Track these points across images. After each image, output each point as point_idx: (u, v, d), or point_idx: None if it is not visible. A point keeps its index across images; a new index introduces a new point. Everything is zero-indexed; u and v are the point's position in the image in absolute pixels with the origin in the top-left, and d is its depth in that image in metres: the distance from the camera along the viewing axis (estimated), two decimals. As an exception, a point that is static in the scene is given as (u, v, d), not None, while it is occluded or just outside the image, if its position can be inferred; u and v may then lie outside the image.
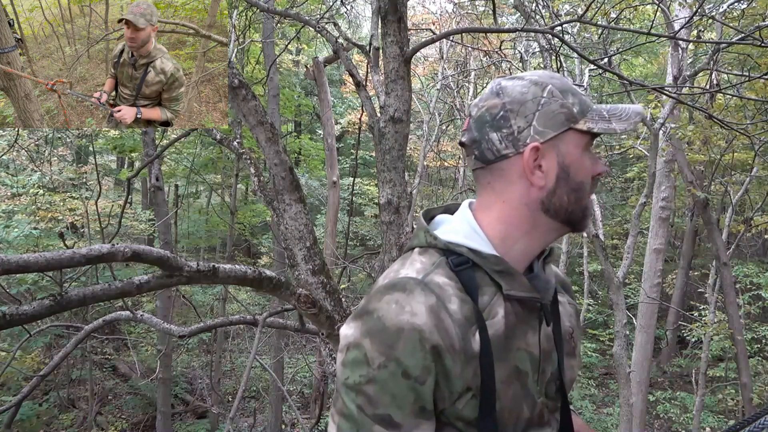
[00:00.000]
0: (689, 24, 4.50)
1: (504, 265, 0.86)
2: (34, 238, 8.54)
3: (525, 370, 0.87)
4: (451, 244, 0.88)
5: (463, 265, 0.86)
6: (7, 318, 1.57)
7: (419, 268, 0.85)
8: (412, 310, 0.79)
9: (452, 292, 0.83)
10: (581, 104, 0.87)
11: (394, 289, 0.82)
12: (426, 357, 0.78)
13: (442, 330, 0.79)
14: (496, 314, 0.85)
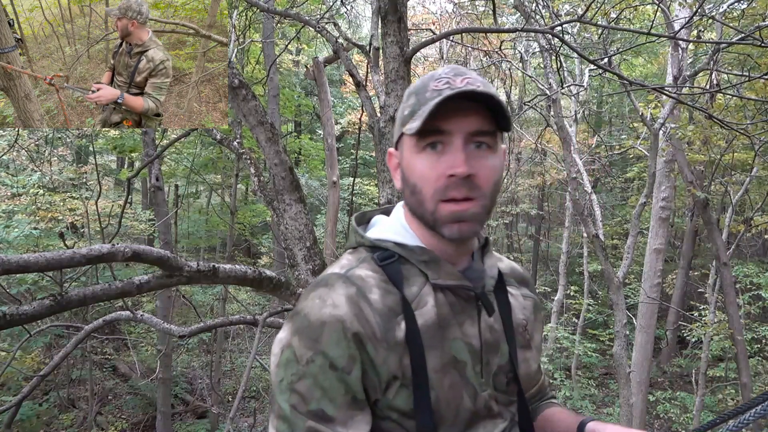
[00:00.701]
0: (689, 24, 4.50)
1: (429, 255, 0.88)
2: (34, 238, 8.54)
3: (463, 360, 0.87)
4: (378, 240, 0.91)
5: (389, 259, 0.88)
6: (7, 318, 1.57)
7: (344, 264, 0.88)
8: (333, 302, 0.81)
9: (374, 283, 0.85)
10: (414, 105, 0.85)
11: (319, 285, 0.85)
12: (350, 346, 0.79)
13: (363, 319, 0.80)
14: (425, 304, 0.86)
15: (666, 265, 9.45)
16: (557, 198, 15.30)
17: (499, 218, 14.09)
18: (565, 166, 7.01)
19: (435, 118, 0.82)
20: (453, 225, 0.84)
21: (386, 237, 0.91)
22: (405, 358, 0.82)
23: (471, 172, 0.82)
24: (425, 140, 0.84)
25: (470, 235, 0.85)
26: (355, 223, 0.98)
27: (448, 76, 0.85)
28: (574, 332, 10.87)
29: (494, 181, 0.86)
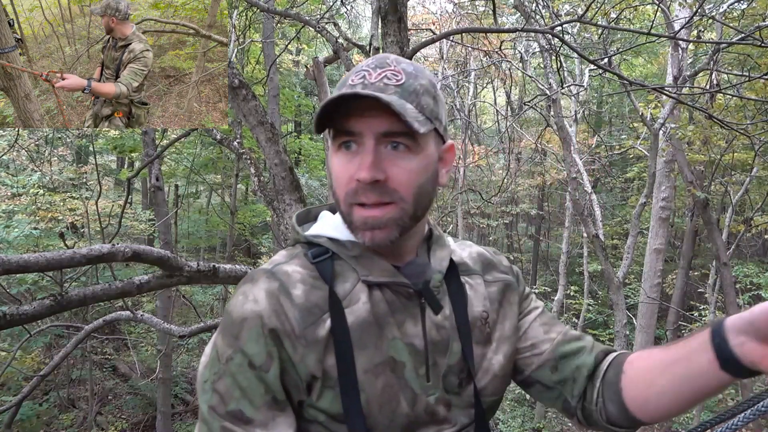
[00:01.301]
0: (689, 24, 4.50)
1: (360, 250, 0.84)
2: (34, 238, 8.54)
3: (401, 360, 0.82)
4: (313, 236, 0.88)
5: (322, 255, 0.85)
6: (8, 318, 1.57)
7: (274, 260, 0.86)
8: (254, 297, 0.78)
9: (300, 278, 0.81)
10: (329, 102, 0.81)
11: (245, 281, 0.82)
12: (267, 342, 0.76)
13: (281, 314, 0.77)
14: (357, 301, 0.82)
15: (666, 265, 9.45)
16: (557, 198, 15.30)
17: (499, 218, 14.09)
18: (565, 166, 7.01)
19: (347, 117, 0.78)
20: (366, 232, 0.80)
21: (322, 233, 0.88)
22: (329, 358, 0.78)
23: (377, 177, 0.77)
24: (338, 140, 0.81)
25: (385, 243, 0.80)
26: (296, 221, 0.93)
27: (368, 69, 0.80)
28: (574, 332, 10.85)
29: (416, 184, 0.80)
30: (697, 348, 0.77)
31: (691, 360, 0.78)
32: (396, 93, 0.78)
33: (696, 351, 0.77)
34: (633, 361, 0.90)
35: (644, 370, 0.87)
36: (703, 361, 0.76)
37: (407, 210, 0.80)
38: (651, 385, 0.84)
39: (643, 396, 0.86)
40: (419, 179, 0.80)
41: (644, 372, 0.86)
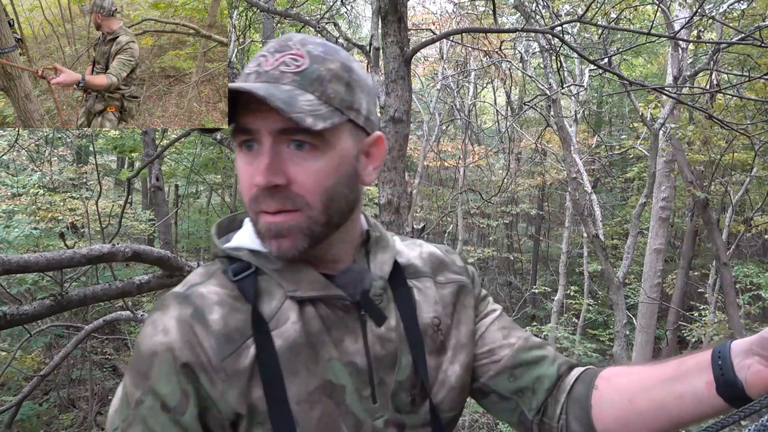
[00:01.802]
0: (689, 24, 4.51)
1: (283, 263, 0.73)
2: (34, 238, 8.54)
3: (341, 384, 0.72)
4: (232, 249, 0.76)
5: (244, 271, 0.73)
6: (8, 318, 1.57)
7: (189, 280, 0.74)
8: (164, 327, 0.67)
9: (217, 300, 0.70)
10: None
11: (155, 308, 0.71)
12: (181, 379, 0.66)
13: (195, 345, 0.67)
14: (285, 320, 0.71)
15: (666, 265, 9.45)
16: (557, 198, 15.30)
17: (499, 218, 14.09)
18: (565, 166, 7.01)
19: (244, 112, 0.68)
20: (271, 241, 0.70)
21: (243, 244, 0.76)
22: (255, 390, 0.68)
23: (274, 181, 0.67)
24: (237, 138, 0.71)
25: (293, 253, 0.70)
26: (217, 230, 0.81)
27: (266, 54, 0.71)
28: (574, 332, 10.87)
29: (324, 188, 0.70)
30: (694, 368, 0.69)
31: (683, 381, 0.69)
32: (294, 82, 0.68)
33: (692, 371, 0.69)
34: (609, 377, 0.80)
35: (622, 387, 0.77)
36: (698, 383, 0.67)
37: (316, 217, 0.70)
38: (629, 405, 0.75)
39: (616, 416, 0.76)
40: (328, 181, 0.70)
41: (622, 390, 0.77)
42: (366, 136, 0.75)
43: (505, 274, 14.78)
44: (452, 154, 12.89)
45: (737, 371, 0.65)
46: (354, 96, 0.72)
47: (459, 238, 11.51)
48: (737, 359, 0.65)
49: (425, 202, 14.16)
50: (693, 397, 0.68)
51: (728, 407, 0.66)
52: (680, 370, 0.70)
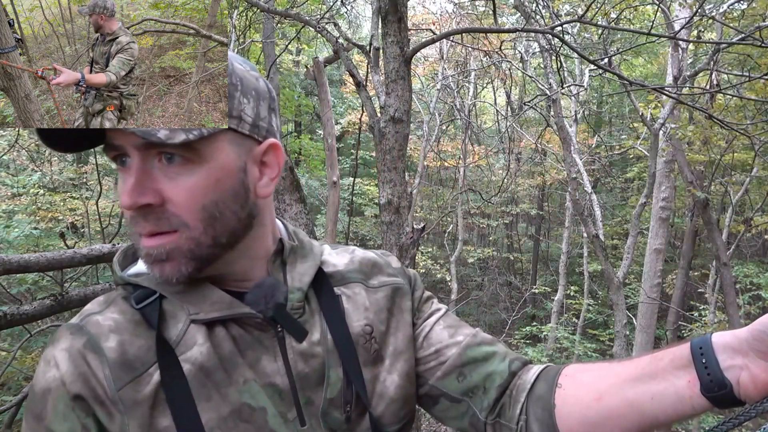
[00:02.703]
0: (689, 24, 4.51)
1: (183, 284, 0.67)
2: (34, 238, 8.55)
3: (261, 406, 0.67)
4: (131, 275, 0.70)
5: (148, 297, 0.67)
6: (8, 318, 1.57)
7: (85, 310, 0.68)
8: (55, 361, 0.62)
9: (114, 327, 0.65)
10: None
11: (49, 344, 0.65)
12: (78, 415, 0.60)
13: (89, 376, 0.61)
14: (192, 344, 0.66)
15: (666, 265, 9.45)
16: (557, 198, 15.30)
17: (499, 218, 14.09)
18: (565, 166, 7.01)
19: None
20: (153, 266, 0.65)
21: (143, 269, 0.70)
22: (161, 419, 0.62)
23: (141, 201, 0.62)
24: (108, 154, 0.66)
25: (178, 277, 0.65)
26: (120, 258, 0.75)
27: None
28: (574, 332, 10.87)
29: (203, 205, 0.63)
30: (671, 365, 0.64)
31: (660, 379, 0.64)
32: None
33: (669, 368, 0.64)
34: (573, 375, 0.74)
35: (589, 384, 0.71)
36: (679, 381, 0.62)
37: (197, 238, 0.64)
38: (597, 404, 0.68)
39: (582, 415, 0.69)
40: (206, 198, 0.63)
41: (589, 387, 0.70)
42: (256, 144, 0.69)
43: (505, 274, 14.78)
44: (452, 154, 12.90)
45: (725, 371, 0.59)
46: (232, 102, 0.67)
47: (459, 238, 11.51)
48: (723, 356, 0.59)
49: (425, 202, 14.16)
50: (672, 396, 0.62)
51: (711, 407, 0.61)
52: (655, 367, 0.65)
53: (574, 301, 11.46)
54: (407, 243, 2.58)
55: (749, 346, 0.58)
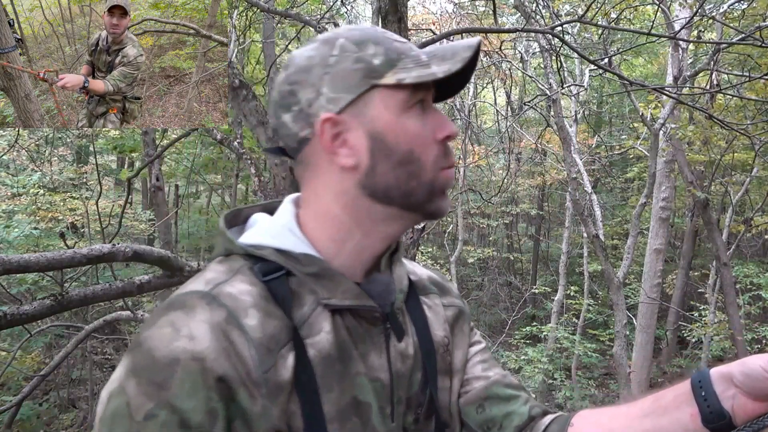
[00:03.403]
0: (689, 24, 4.51)
1: (319, 266, 0.66)
2: (34, 238, 8.55)
3: (366, 401, 0.67)
4: (253, 246, 0.68)
5: (275, 272, 0.66)
6: (8, 318, 1.57)
7: (210, 278, 0.65)
8: (190, 332, 0.58)
9: (252, 302, 0.63)
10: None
11: (171, 307, 0.61)
12: (211, 396, 0.57)
13: (233, 355, 0.59)
14: (319, 330, 0.65)
15: (666, 265, 9.45)
16: (557, 198, 15.30)
17: (499, 218, 14.09)
18: (565, 166, 7.01)
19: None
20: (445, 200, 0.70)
21: (262, 242, 0.68)
22: (292, 404, 0.62)
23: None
24: (418, 95, 0.67)
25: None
26: (225, 223, 0.73)
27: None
28: (574, 332, 10.87)
29: None
30: (674, 401, 0.67)
31: (665, 415, 0.67)
32: None
33: (672, 404, 0.67)
34: (585, 416, 0.77)
35: (600, 423, 0.74)
36: (683, 416, 0.65)
37: None
38: None
39: None
40: None
41: (600, 425, 0.74)
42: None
43: (505, 274, 14.78)
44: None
45: (723, 402, 0.63)
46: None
47: (459, 238, 11.50)
48: (720, 388, 0.63)
49: (425, 202, 14.13)
50: (679, 430, 0.65)
51: None
52: (660, 405, 0.68)
53: (574, 301, 11.46)
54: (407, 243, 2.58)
55: (743, 379, 0.62)
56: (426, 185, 0.67)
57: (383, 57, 0.66)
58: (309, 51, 0.68)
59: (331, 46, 0.67)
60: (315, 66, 0.66)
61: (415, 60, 0.66)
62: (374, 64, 0.65)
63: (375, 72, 0.65)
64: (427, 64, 0.65)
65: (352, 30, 0.68)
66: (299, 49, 0.70)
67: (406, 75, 0.65)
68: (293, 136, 0.68)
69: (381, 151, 0.66)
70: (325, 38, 0.69)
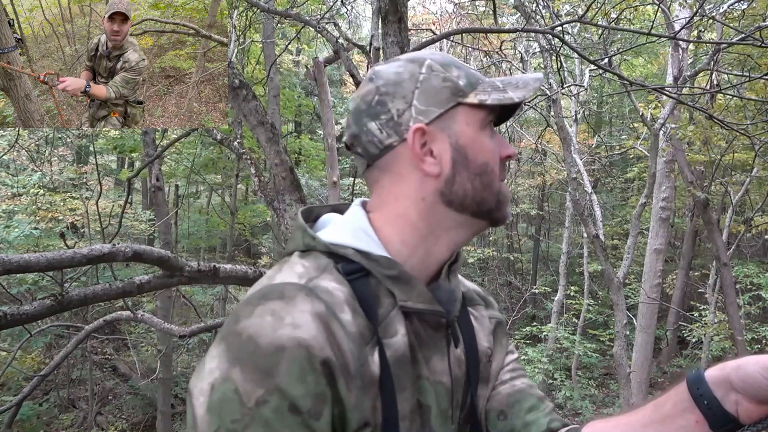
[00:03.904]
0: (689, 24, 4.51)
1: (398, 269, 0.69)
2: (34, 238, 8.55)
3: (427, 404, 0.70)
4: (335, 245, 0.71)
5: (356, 272, 0.69)
6: (8, 318, 1.57)
7: (301, 272, 0.67)
8: (294, 321, 0.59)
9: (344, 299, 0.65)
10: (468, 77, 0.73)
11: (269, 297, 0.62)
12: (318, 381, 0.58)
13: (335, 345, 0.61)
14: (395, 332, 0.68)
15: (666, 265, 9.45)
16: (557, 198, 15.31)
17: (499, 218, 14.06)
18: (565, 166, 7.01)
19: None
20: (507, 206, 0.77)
21: (344, 241, 0.71)
22: (378, 401, 0.64)
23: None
24: (491, 116, 0.74)
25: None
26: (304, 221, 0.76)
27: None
28: (574, 332, 10.87)
29: None
30: (674, 409, 0.68)
31: (669, 423, 0.68)
32: None
33: (674, 413, 0.68)
34: (593, 425, 0.80)
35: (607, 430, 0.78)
36: (687, 423, 0.66)
37: None
38: None
39: None
40: None
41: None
42: None
43: (505, 274, 14.78)
44: (452, 154, 12.84)
45: (726, 406, 0.64)
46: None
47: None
48: (720, 393, 0.64)
49: (425, 202, 14.14)
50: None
51: None
52: (661, 413, 0.70)
53: (574, 301, 11.46)
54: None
55: (740, 383, 0.63)
56: (495, 194, 0.74)
57: (466, 79, 0.73)
58: (396, 68, 0.74)
59: (418, 64, 0.73)
60: (405, 81, 0.72)
61: (491, 85, 0.74)
62: (460, 85, 0.72)
63: (461, 91, 0.72)
64: (504, 90, 0.73)
65: (435, 54, 0.75)
66: (383, 65, 0.76)
67: (487, 97, 0.72)
68: (377, 143, 0.73)
69: (461, 162, 0.72)
70: (410, 58, 0.75)
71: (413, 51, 0.80)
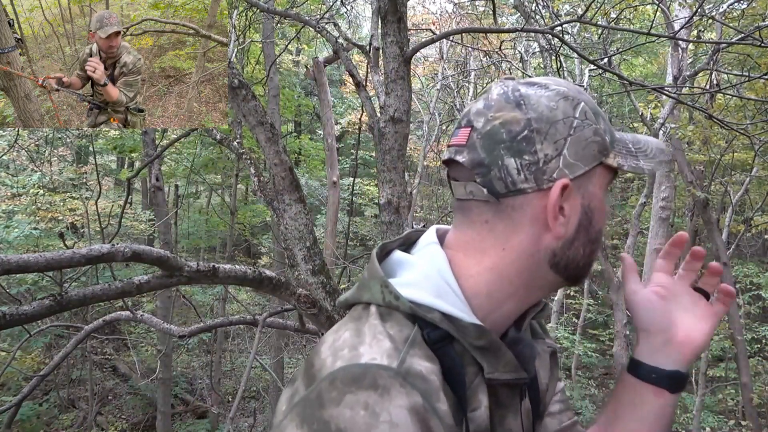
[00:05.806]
0: (689, 24, 4.51)
1: (488, 339, 0.63)
2: (34, 238, 8.55)
3: None
4: (419, 307, 0.63)
5: (442, 341, 0.62)
6: (7, 318, 1.57)
7: (389, 349, 0.59)
8: (391, 419, 0.53)
9: (439, 384, 0.58)
10: (610, 133, 0.67)
11: (359, 385, 0.55)
12: None
13: None
14: (479, 404, 0.63)
15: (666, 265, 9.44)
16: (557, 198, 15.29)
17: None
18: (565, 166, 7.00)
19: None
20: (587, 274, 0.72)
21: (428, 302, 0.63)
22: None
23: None
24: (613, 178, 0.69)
25: None
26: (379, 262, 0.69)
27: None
28: (574, 332, 10.88)
29: None
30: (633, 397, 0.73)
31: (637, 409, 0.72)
32: None
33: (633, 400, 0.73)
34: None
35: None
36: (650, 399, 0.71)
37: None
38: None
39: None
40: None
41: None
42: None
43: (505, 274, 14.76)
44: (452, 154, 12.83)
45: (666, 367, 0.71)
46: None
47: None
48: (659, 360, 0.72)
49: (425, 202, 14.16)
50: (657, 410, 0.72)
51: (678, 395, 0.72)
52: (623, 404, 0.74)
53: (574, 301, 11.47)
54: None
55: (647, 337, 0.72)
56: (590, 259, 0.68)
57: (609, 136, 0.66)
58: (550, 101, 0.65)
59: (573, 105, 0.65)
60: (559, 122, 0.64)
61: (625, 147, 0.68)
62: (606, 142, 0.66)
63: (605, 150, 0.66)
64: (636, 156, 0.67)
65: (584, 94, 0.67)
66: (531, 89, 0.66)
67: (624, 162, 0.66)
68: (509, 183, 0.64)
69: (585, 226, 0.66)
70: (564, 94, 0.66)
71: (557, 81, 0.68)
